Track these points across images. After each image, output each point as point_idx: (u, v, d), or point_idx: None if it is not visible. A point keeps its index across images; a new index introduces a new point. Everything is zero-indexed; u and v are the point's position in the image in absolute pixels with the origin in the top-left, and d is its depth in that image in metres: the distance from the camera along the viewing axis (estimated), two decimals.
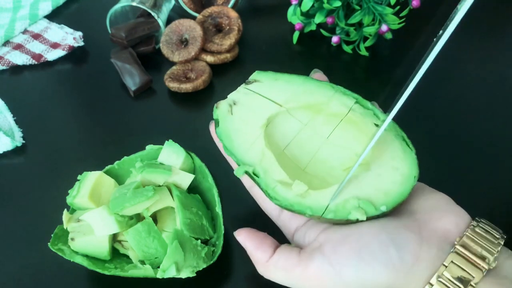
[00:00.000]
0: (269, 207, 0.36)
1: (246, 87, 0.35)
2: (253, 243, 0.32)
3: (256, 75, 0.36)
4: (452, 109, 0.55)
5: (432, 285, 0.27)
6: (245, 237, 0.33)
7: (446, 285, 0.27)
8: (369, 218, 0.30)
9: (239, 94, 0.35)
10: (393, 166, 0.31)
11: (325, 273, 0.29)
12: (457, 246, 0.28)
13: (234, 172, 0.33)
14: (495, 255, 0.28)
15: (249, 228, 0.33)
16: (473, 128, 0.53)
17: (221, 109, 0.34)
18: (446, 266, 0.28)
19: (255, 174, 0.32)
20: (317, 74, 0.38)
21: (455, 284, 0.27)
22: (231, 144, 0.33)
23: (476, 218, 0.31)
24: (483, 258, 0.28)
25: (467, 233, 0.29)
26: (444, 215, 0.30)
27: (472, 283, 0.27)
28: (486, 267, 0.28)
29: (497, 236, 0.29)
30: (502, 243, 0.29)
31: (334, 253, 0.29)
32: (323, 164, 0.34)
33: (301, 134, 0.35)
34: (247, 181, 0.38)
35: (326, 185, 0.33)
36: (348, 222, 0.30)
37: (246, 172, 0.32)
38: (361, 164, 0.31)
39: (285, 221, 0.35)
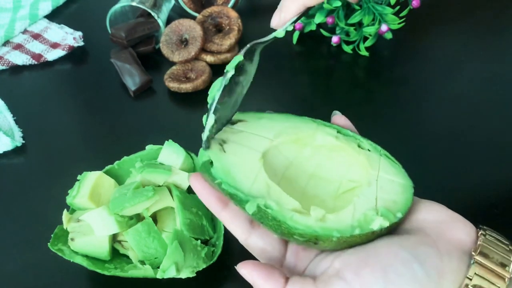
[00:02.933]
0: (271, 258, 0.33)
1: (232, 127, 0.35)
2: (261, 275, 0.30)
3: (238, 115, 0.35)
4: (452, 108, 0.55)
5: None
6: (252, 270, 0.30)
7: None
8: (389, 228, 0.30)
9: (227, 133, 0.34)
10: (389, 179, 0.32)
11: None
12: (476, 257, 0.28)
13: (246, 208, 0.30)
14: None
15: (254, 261, 0.31)
16: (474, 128, 0.52)
17: (213, 148, 0.32)
18: (471, 279, 0.27)
19: (266, 207, 0.30)
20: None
21: None
22: (233, 180, 0.31)
23: (480, 226, 0.30)
24: (503, 266, 0.28)
25: (481, 243, 0.29)
26: (453, 225, 0.30)
27: None
28: (508, 275, 0.27)
29: (506, 242, 0.29)
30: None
31: (357, 277, 0.28)
32: (313, 199, 0.33)
33: (289, 171, 0.35)
34: (241, 234, 0.33)
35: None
36: (371, 237, 0.30)
37: (258, 207, 0.30)
38: (356, 183, 0.33)
39: (290, 266, 0.32)
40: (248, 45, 0.34)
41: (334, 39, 0.62)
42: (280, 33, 0.34)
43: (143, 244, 0.38)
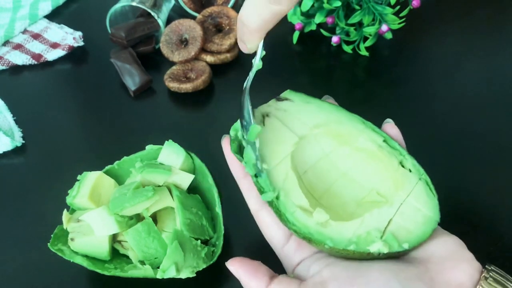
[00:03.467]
0: (274, 236, 0.33)
1: (277, 103, 0.34)
2: (246, 272, 0.30)
3: (287, 93, 0.35)
4: (452, 108, 0.55)
5: None
6: (238, 267, 0.31)
7: None
8: (388, 255, 0.29)
9: (271, 108, 0.34)
10: (416, 207, 0.31)
11: None
12: None
13: (262, 197, 0.31)
14: None
15: (241, 258, 0.32)
16: (474, 127, 0.52)
17: (256, 117, 0.32)
18: None
19: (276, 198, 0.30)
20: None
21: None
22: (262, 155, 0.31)
23: (486, 266, 0.29)
24: None
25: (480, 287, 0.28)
26: (457, 264, 0.29)
27: None
28: None
29: (508, 286, 0.28)
30: None
31: None
32: (337, 198, 0.33)
33: (321, 163, 0.34)
34: (253, 204, 0.34)
35: (340, 219, 0.31)
36: (366, 257, 0.29)
37: (271, 201, 0.30)
38: (382, 198, 0.32)
39: (290, 252, 0.32)
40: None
41: (334, 39, 0.62)
42: (259, 66, 0.33)
43: (143, 244, 0.38)
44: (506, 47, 0.62)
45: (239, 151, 0.33)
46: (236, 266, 0.31)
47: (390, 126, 0.36)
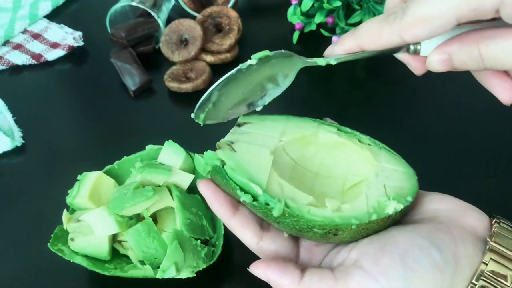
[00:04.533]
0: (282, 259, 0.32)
1: (239, 129, 0.35)
2: (275, 270, 0.29)
3: (243, 118, 0.35)
4: (453, 108, 0.55)
5: (475, 284, 0.27)
6: (265, 268, 0.29)
7: (489, 283, 0.27)
8: (402, 212, 0.31)
9: (234, 135, 0.34)
10: (392, 169, 0.33)
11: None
12: (492, 243, 0.28)
13: (274, 213, 0.29)
14: None
15: (264, 259, 0.30)
16: (474, 128, 0.52)
17: (223, 150, 0.32)
18: (486, 264, 0.27)
19: (287, 206, 0.30)
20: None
21: (498, 280, 0.27)
22: (249, 176, 0.31)
23: (493, 215, 0.31)
24: None
25: (495, 230, 0.29)
26: (466, 213, 0.30)
27: None
28: None
29: None
30: None
31: (376, 266, 0.27)
32: (322, 197, 0.33)
33: (294, 172, 0.35)
34: (251, 238, 0.32)
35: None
36: (386, 222, 0.30)
37: (283, 211, 0.30)
38: (361, 177, 0.34)
39: (306, 254, 0.32)
40: (282, 50, 0.33)
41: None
42: (321, 61, 0.33)
43: (143, 244, 0.38)
44: None
45: (225, 183, 0.31)
46: (262, 268, 0.29)
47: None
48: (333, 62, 0.33)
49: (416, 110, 0.55)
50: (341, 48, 0.32)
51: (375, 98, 0.57)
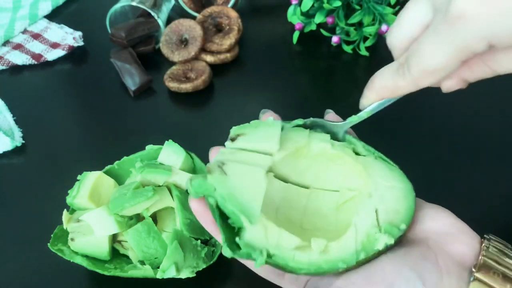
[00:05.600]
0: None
1: (231, 146, 0.32)
2: None
3: (236, 130, 0.33)
4: (453, 108, 0.55)
5: None
6: None
7: None
8: (395, 242, 0.29)
9: (225, 154, 0.31)
10: (388, 186, 0.31)
11: None
12: (476, 274, 0.27)
13: (256, 265, 0.28)
14: None
15: None
16: (475, 128, 0.52)
17: (214, 173, 0.29)
18: None
19: (268, 256, 0.28)
20: (268, 113, 0.35)
21: None
22: (241, 205, 0.28)
23: (485, 236, 0.30)
24: (505, 279, 0.27)
25: (482, 257, 0.28)
26: (457, 238, 0.29)
27: None
28: None
29: (509, 253, 0.29)
30: None
31: None
32: (316, 215, 0.32)
33: (286, 192, 0.33)
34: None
35: (329, 235, 0.30)
36: (377, 255, 0.29)
37: (266, 262, 0.28)
38: (355, 192, 0.32)
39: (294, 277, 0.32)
40: (311, 118, 0.34)
41: (334, 39, 0.62)
42: (354, 119, 0.33)
43: (143, 244, 0.38)
44: None
45: (223, 221, 0.29)
46: None
47: (331, 116, 0.36)
48: (365, 116, 0.33)
49: (416, 110, 0.55)
50: (367, 103, 0.31)
51: None
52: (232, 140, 0.32)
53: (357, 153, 0.33)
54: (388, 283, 0.27)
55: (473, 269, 0.28)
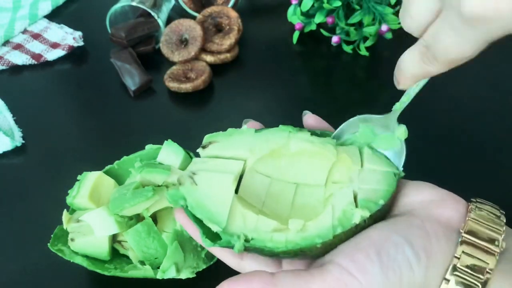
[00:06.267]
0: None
1: (203, 154, 0.33)
2: (242, 281, 0.28)
3: (208, 138, 0.34)
4: (453, 109, 0.55)
5: (448, 280, 0.27)
6: (229, 284, 0.29)
7: (462, 277, 0.26)
8: (373, 218, 0.30)
9: (196, 164, 0.33)
10: (371, 169, 0.32)
11: (347, 284, 0.27)
12: (464, 235, 0.28)
13: (234, 249, 0.29)
14: (503, 235, 0.28)
15: (229, 279, 0.29)
16: (475, 128, 0.52)
17: (185, 184, 0.31)
18: (459, 258, 0.27)
19: (246, 241, 0.29)
20: (250, 123, 0.36)
21: (471, 274, 0.26)
22: (209, 214, 0.30)
23: (472, 200, 0.30)
24: (492, 241, 0.27)
25: (469, 218, 0.28)
26: (442, 203, 0.30)
27: (487, 269, 0.26)
28: (498, 250, 0.27)
29: (498, 214, 0.29)
30: (504, 220, 0.29)
31: (353, 263, 0.27)
32: (304, 210, 0.33)
33: (271, 188, 0.34)
34: (232, 258, 0.33)
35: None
36: (356, 231, 0.29)
37: (245, 247, 0.29)
38: (346, 179, 0.32)
39: (288, 266, 0.32)
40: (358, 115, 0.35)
41: (334, 39, 0.62)
42: (398, 106, 0.34)
43: (143, 245, 0.38)
44: (509, 45, 0.62)
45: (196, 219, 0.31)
46: (227, 286, 0.29)
47: (308, 117, 0.37)
48: (407, 101, 0.34)
49: (416, 110, 0.55)
50: (404, 88, 0.32)
51: (375, 98, 0.57)
52: (204, 147, 0.34)
53: (342, 144, 0.34)
54: (377, 248, 0.28)
55: (461, 230, 0.28)
